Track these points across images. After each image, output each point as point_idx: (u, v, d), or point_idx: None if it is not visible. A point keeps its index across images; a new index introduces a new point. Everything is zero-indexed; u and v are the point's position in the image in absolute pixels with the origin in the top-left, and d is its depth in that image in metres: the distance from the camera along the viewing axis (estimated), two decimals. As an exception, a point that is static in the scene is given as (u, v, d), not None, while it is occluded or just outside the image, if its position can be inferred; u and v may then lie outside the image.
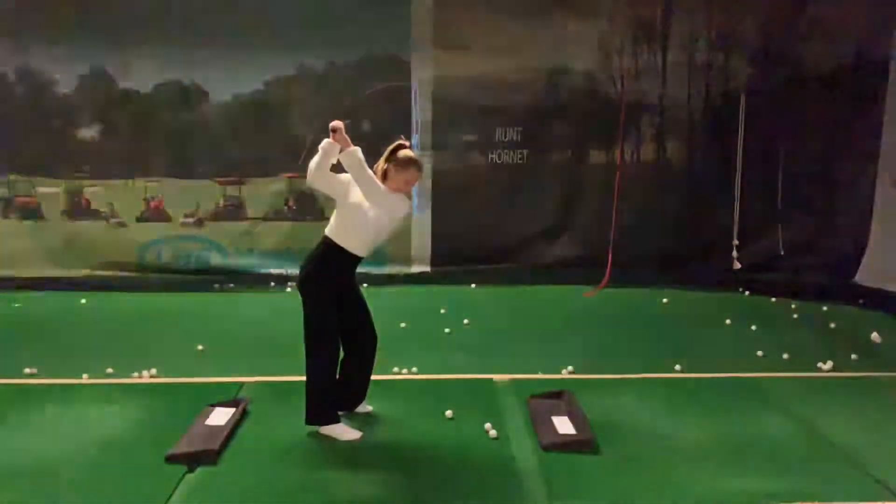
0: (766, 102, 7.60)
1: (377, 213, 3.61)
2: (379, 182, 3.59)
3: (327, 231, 3.73)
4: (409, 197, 3.80)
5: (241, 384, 4.49)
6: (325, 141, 3.60)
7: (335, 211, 3.76)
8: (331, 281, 3.70)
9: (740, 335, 5.79)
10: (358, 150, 3.54)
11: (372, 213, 3.61)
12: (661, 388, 4.49)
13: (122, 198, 7.65)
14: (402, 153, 3.68)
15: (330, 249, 3.68)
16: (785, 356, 5.16)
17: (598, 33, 7.63)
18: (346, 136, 3.53)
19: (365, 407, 4.08)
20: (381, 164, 3.71)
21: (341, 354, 3.85)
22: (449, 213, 7.80)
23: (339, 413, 3.85)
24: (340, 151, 3.56)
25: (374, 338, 3.94)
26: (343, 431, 3.75)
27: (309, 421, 3.77)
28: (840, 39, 7.51)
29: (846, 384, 4.61)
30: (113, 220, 7.67)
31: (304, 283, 3.71)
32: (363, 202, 3.60)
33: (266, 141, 7.73)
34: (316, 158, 3.65)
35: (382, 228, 3.68)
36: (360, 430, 3.79)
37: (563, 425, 3.81)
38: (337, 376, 3.85)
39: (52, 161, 7.57)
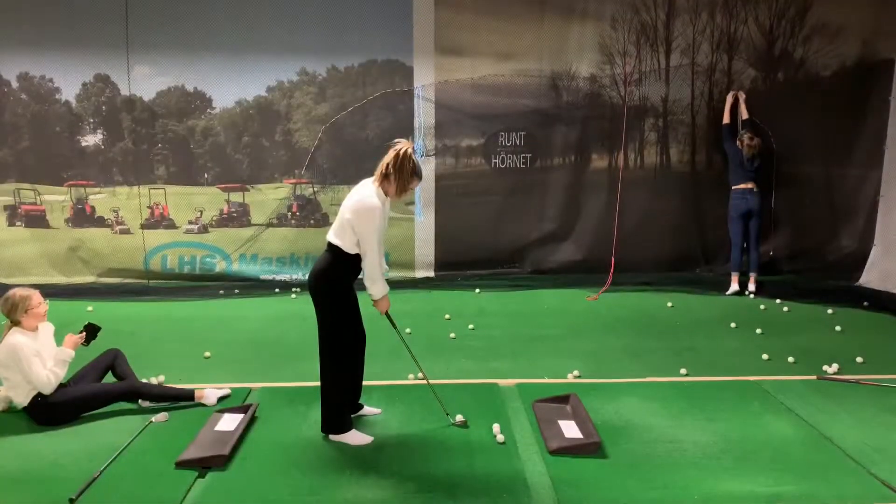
0: (769, 104, 7.61)
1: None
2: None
3: (329, 236, 3.78)
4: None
5: (249, 390, 4.50)
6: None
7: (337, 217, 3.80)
8: (339, 280, 3.75)
9: (745, 338, 5.78)
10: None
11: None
12: (667, 392, 4.50)
13: (127, 205, 7.68)
14: (407, 166, 3.70)
15: (333, 251, 3.75)
16: (790, 359, 5.16)
17: (600, 37, 7.65)
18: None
19: (372, 409, 4.12)
20: (384, 168, 3.72)
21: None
22: (452, 218, 7.82)
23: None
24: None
25: (365, 336, 3.99)
26: (354, 437, 3.79)
27: (326, 430, 3.81)
28: (842, 41, 7.53)
29: (852, 387, 4.61)
30: (118, 227, 7.70)
31: (315, 283, 3.75)
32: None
33: (269, 147, 7.76)
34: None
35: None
36: (368, 434, 3.82)
37: (570, 429, 3.82)
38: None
39: (56, 168, 7.60)
